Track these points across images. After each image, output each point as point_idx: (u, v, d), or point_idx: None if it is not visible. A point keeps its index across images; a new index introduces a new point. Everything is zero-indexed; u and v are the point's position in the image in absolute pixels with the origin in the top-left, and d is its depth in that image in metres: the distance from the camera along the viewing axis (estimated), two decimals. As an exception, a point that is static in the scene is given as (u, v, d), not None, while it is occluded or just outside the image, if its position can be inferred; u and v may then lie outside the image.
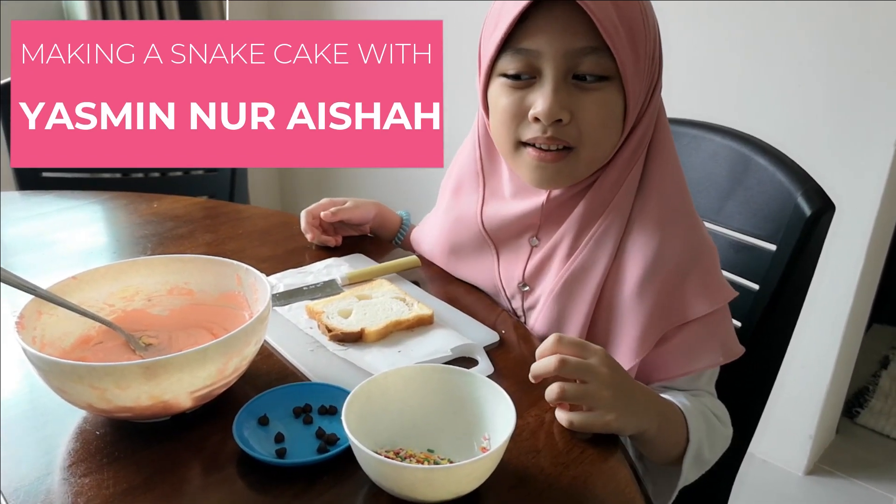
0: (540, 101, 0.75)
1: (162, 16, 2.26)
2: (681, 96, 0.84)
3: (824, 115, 1.59)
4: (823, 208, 0.86)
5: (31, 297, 0.68)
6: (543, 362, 0.68)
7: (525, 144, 0.79)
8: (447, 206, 0.94)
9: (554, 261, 0.84)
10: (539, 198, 0.84)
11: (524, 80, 0.76)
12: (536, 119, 0.75)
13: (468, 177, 0.91)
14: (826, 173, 0.91)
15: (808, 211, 0.85)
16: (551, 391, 0.67)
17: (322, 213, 1.01)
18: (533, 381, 0.69)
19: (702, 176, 0.98)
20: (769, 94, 1.65)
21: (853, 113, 1.55)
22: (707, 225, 0.96)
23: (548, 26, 0.73)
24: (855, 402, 2.04)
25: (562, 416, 0.67)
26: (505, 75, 0.77)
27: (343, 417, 0.58)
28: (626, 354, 0.79)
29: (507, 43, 0.75)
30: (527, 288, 0.87)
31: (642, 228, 0.79)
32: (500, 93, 0.78)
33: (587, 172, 0.80)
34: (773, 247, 0.90)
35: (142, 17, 2.21)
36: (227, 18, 2.44)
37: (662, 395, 0.77)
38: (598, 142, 0.77)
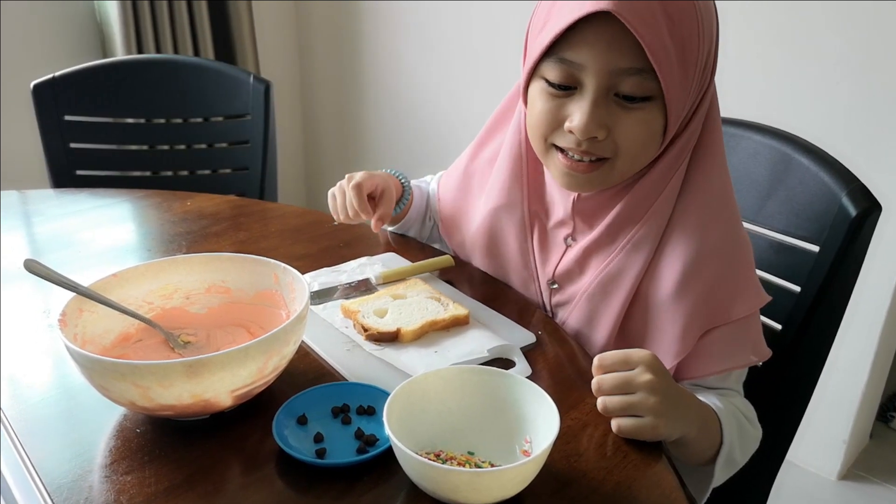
0: (577, 115, 0.73)
1: (191, 16, 2.27)
2: (718, 94, 0.82)
3: (862, 113, 1.55)
4: (869, 209, 0.83)
5: (72, 294, 0.68)
6: (593, 386, 0.68)
7: (557, 148, 0.78)
8: (490, 190, 0.92)
9: (588, 261, 0.83)
10: (571, 195, 0.83)
11: (565, 89, 0.75)
12: (572, 131, 0.74)
13: (511, 161, 0.89)
14: (865, 173, 0.89)
15: (853, 211, 0.83)
16: (599, 406, 0.67)
17: (352, 214, 0.97)
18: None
19: (742, 175, 0.96)
20: (805, 92, 1.62)
21: (893, 110, 1.51)
22: (747, 225, 0.94)
23: (594, 41, 0.70)
24: (889, 407, 2.00)
25: (612, 422, 0.66)
26: (546, 80, 0.76)
27: (385, 419, 0.57)
28: (665, 354, 0.78)
29: (552, 48, 0.73)
30: (556, 285, 0.87)
31: (682, 231, 0.78)
32: (539, 96, 0.77)
33: (619, 181, 0.79)
34: (815, 248, 0.88)
35: (171, 17, 2.22)
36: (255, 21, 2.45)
37: (697, 396, 0.76)
38: (635, 157, 0.76)
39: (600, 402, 0.67)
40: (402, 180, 1.03)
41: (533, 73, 0.77)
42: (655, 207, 0.78)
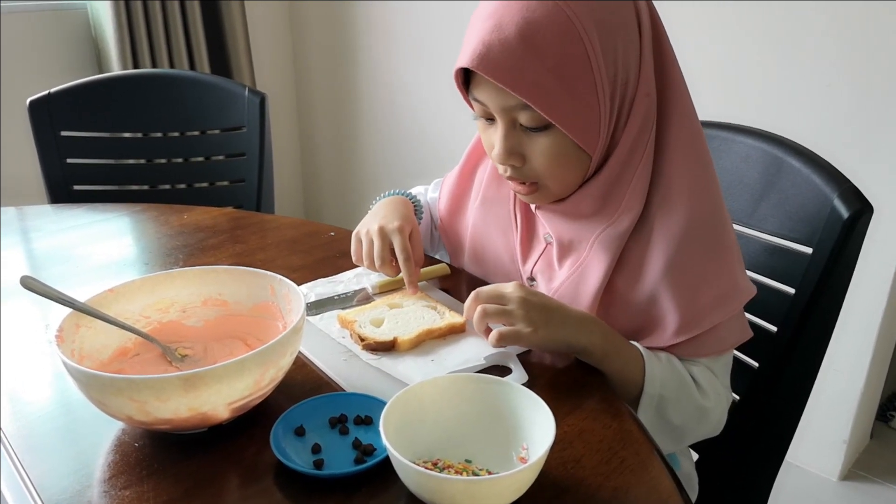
0: (495, 146, 0.79)
1: (185, 16, 2.27)
2: (708, 98, 0.83)
3: (854, 114, 1.56)
4: (861, 210, 0.84)
5: (69, 310, 0.68)
6: (469, 312, 0.77)
7: None
8: (480, 185, 0.95)
9: (563, 260, 0.85)
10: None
11: (489, 120, 0.80)
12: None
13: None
14: (856, 174, 0.89)
15: (845, 213, 0.84)
16: (477, 314, 0.75)
17: (409, 287, 0.90)
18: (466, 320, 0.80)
19: (734, 179, 0.97)
20: (796, 94, 1.63)
21: (884, 112, 1.52)
22: (740, 228, 0.95)
23: (485, 83, 0.75)
24: (889, 406, 2.00)
25: (491, 338, 0.75)
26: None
27: (381, 429, 0.57)
28: (667, 336, 0.79)
29: (469, 86, 0.79)
30: (534, 282, 0.89)
31: (661, 224, 0.78)
32: (479, 125, 0.83)
33: (564, 194, 0.82)
34: (808, 250, 0.88)
35: (165, 18, 2.23)
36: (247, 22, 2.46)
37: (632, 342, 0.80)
38: (557, 177, 0.79)
39: (479, 308, 0.75)
40: (413, 200, 1.04)
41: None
42: (625, 205, 0.79)
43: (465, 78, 0.79)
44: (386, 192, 1.03)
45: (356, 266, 0.99)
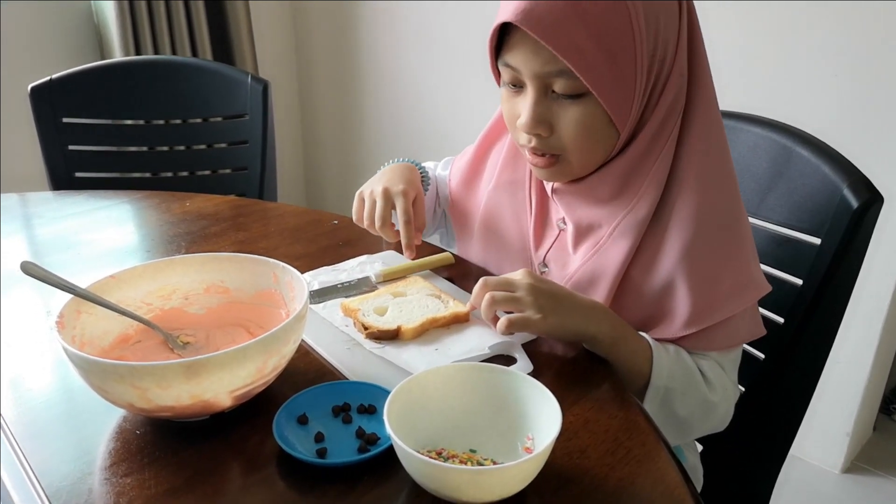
0: (523, 114, 0.77)
1: (189, 15, 2.27)
2: (716, 88, 0.82)
3: (863, 105, 1.55)
4: (871, 200, 0.83)
5: (70, 296, 0.68)
6: (477, 300, 0.77)
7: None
8: (494, 168, 0.94)
9: (578, 247, 0.84)
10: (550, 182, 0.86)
11: (517, 86, 0.78)
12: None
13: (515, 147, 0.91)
14: (866, 165, 0.88)
15: (854, 203, 0.83)
16: (485, 300, 0.75)
17: (406, 249, 0.91)
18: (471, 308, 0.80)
19: (742, 168, 0.95)
20: (806, 84, 1.61)
21: (894, 102, 1.51)
22: (748, 218, 0.94)
23: (522, 46, 0.74)
24: (892, 399, 1.99)
25: (500, 325, 0.74)
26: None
27: (385, 417, 0.57)
28: (677, 327, 0.79)
29: (500, 52, 0.77)
30: (546, 269, 0.88)
31: (677, 216, 0.77)
32: (503, 95, 0.81)
33: (583, 172, 0.81)
34: (817, 241, 0.87)
35: (168, 17, 2.22)
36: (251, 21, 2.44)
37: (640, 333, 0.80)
38: (583, 150, 0.78)
39: (488, 295, 0.75)
40: (420, 169, 1.03)
41: (498, 70, 0.80)
42: (643, 190, 0.78)
43: (498, 44, 0.78)
44: (395, 159, 1.02)
45: (360, 255, 0.98)
